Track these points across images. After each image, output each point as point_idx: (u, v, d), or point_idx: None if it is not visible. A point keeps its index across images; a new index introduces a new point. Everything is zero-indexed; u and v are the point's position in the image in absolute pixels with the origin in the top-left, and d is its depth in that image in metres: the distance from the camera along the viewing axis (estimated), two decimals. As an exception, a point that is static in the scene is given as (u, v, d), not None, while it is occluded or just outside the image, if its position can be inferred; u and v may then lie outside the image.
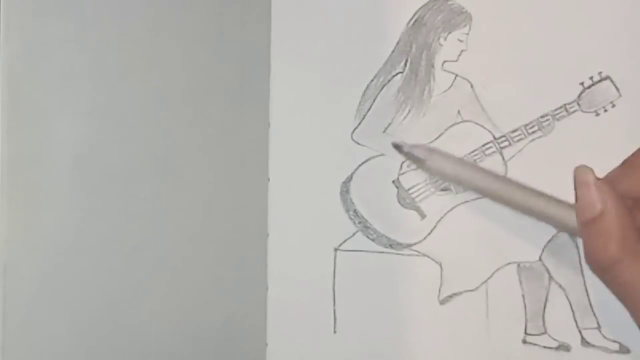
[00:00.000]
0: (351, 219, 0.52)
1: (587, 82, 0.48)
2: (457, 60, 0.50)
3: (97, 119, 0.45)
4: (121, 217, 0.46)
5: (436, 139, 0.50)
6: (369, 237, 0.51)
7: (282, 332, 0.53)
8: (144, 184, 0.47)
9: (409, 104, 0.51)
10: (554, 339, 0.48)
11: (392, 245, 0.51)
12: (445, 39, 0.51)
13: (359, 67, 0.52)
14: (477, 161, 0.49)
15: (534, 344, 0.48)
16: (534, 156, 0.49)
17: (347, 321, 0.51)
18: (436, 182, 0.50)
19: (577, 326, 0.48)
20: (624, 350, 0.47)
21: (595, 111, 0.48)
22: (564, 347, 0.48)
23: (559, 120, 0.48)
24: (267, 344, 0.53)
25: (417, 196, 0.51)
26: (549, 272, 0.48)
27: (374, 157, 0.51)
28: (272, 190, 0.53)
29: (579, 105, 0.48)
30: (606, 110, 0.48)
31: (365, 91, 0.52)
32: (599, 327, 0.47)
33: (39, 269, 0.43)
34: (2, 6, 0.40)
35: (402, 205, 0.51)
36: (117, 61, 0.46)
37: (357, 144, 0.52)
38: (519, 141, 0.49)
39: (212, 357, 0.51)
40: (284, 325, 0.53)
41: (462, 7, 0.50)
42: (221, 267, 0.51)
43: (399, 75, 0.51)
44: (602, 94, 0.48)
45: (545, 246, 0.48)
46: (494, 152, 0.49)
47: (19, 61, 0.41)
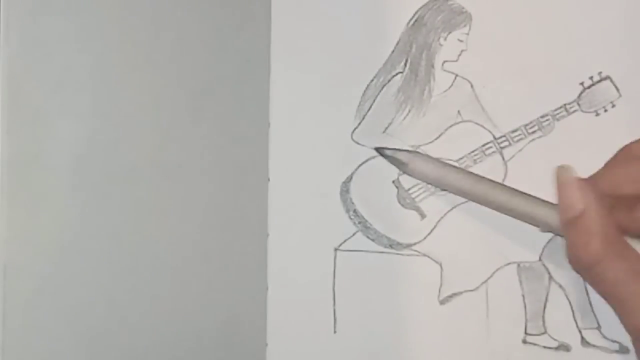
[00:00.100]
0: (351, 219, 0.52)
1: (587, 82, 0.48)
2: (457, 60, 0.50)
3: (97, 119, 0.45)
4: (121, 217, 0.46)
5: (436, 139, 0.50)
6: (369, 237, 0.51)
7: (282, 332, 0.53)
8: (144, 184, 0.47)
9: (409, 104, 0.51)
10: (554, 339, 0.48)
11: (392, 245, 0.51)
12: (445, 39, 0.51)
13: (359, 67, 0.52)
14: (477, 161, 0.49)
15: (534, 344, 0.48)
16: (534, 156, 0.49)
17: (347, 321, 0.51)
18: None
19: (577, 326, 0.48)
20: (624, 350, 0.47)
21: (595, 111, 0.48)
22: (564, 347, 0.48)
23: (559, 120, 0.48)
24: (267, 344, 0.53)
25: (417, 196, 0.51)
26: (549, 272, 0.48)
27: (374, 157, 0.51)
28: (272, 190, 0.53)
29: (579, 105, 0.48)
30: (606, 110, 0.48)
31: (365, 91, 0.52)
32: (599, 327, 0.47)
33: (39, 269, 0.43)
34: (2, 6, 0.40)
35: (402, 205, 0.51)
36: (117, 61, 0.45)
37: (357, 144, 0.52)
38: (519, 141, 0.49)
39: (212, 357, 0.51)
40: (284, 325, 0.53)
41: (462, 7, 0.50)
42: (221, 267, 0.51)
43: (399, 75, 0.51)
44: (602, 94, 0.48)
45: (545, 246, 0.48)
46: (494, 152, 0.49)
47: (19, 61, 0.41)
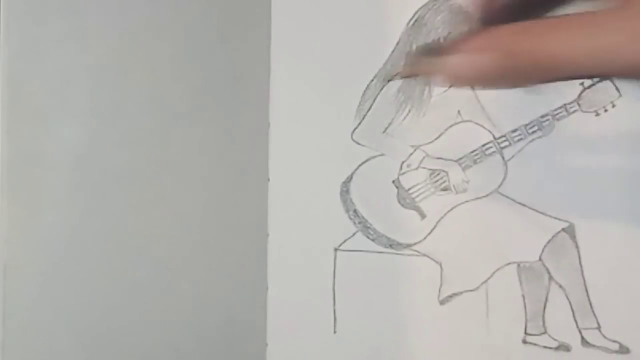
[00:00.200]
0: (351, 219, 0.52)
1: (587, 82, 0.48)
2: (457, 60, 0.50)
3: (97, 119, 0.45)
4: (121, 217, 0.46)
5: (436, 138, 0.50)
6: (369, 237, 0.51)
7: (282, 332, 0.53)
8: (143, 184, 0.47)
9: (409, 104, 0.51)
10: (554, 339, 0.48)
11: (392, 245, 0.51)
12: (445, 39, 0.50)
13: (359, 67, 0.52)
14: (477, 161, 0.49)
15: (534, 344, 0.48)
16: (534, 156, 0.49)
17: (347, 321, 0.51)
18: (436, 181, 0.50)
19: (577, 326, 0.48)
20: (624, 350, 0.47)
21: (595, 111, 0.48)
22: (564, 347, 0.48)
23: (559, 120, 0.48)
24: (267, 344, 0.53)
25: (417, 196, 0.50)
26: (549, 272, 0.48)
27: (374, 157, 0.51)
28: (272, 190, 0.53)
29: (579, 105, 0.48)
30: (606, 110, 0.48)
31: (365, 91, 0.52)
32: (599, 327, 0.47)
33: (39, 269, 0.43)
34: (2, 6, 0.40)
35: (402, 205, 0.51)
36: (117, 61, 0.46)
37: (357, 144, 0.52)
38: (519, 141, 0.49)
39: (212, 357, 0.51)
40: (284, 325, 0.53)
41: (462, 7, 0.50)
42: (221, 267, 0.51)
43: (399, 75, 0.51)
44: (602, 94, 0.48)
45: (545, 246, 0.48)
46: (494, 152, 0.49)
47: (19, 61, 0.41)
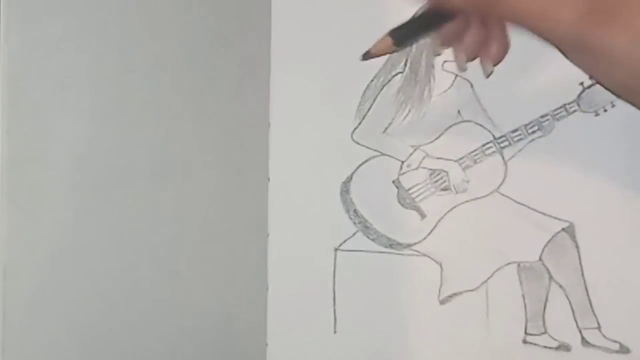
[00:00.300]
0: (351, 219, 0.52)
1: (587, 82, 0.48)
2: (457, 60, 0.50)
3: (97, 119, 0.45)
4: (121, 217, 0.46)
5: (436, 139, 0.50)
6: (369, 237, 0.51)
7: (282, 332, 0.53)
8: (144, 184, 0.47)
9: (409, 104, 0.51)
10: (554, 339, 0.48)
11: (392, 245, 0.51)
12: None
13: (359, 67, 0.52)
14: (477, 161, 0.49)
15: (534, 344, 0.48)
16: (534, 156, 0.49)
17: (347, 321, 0.51)
18: (436, 181, 0.50)
19: (577, 326, 0.48)
20: (624, 350, 0.47)
21: (595, 111, 0.48)
22: (564, 347, 0.48)
23: (559, 120, 0.48)
24: (267, 344, 0.53)
25: (417, 196, 0.50)
26: (549, 272, 0.48)
27: (374, 157, 0.51)
28: (272, 190, 0.53)
29: (579, 105, 0.48)
30: (606, 110, 0.48)
31: (365, 91, 0.52)
32: (599, 327, 0.47)
33: (39, 269, 0.43)
34: (2, 6, 0.40)
35: (402, 205, 0.51)
36: (117, 61, 0.45)
37: (357, 144, 0.52)
38: (519, 141, 0.49)
39: (212, 357, 0.51)
40: (284, 325, 0.53)
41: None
42: (221, 267, 0.51)
43: (399, 75, 0.51)
44: (602, 94, 0.48)
45: (545, 246, 0.48)
46: (494, 152, 0.49)
47: (19, 61, 0.41)
